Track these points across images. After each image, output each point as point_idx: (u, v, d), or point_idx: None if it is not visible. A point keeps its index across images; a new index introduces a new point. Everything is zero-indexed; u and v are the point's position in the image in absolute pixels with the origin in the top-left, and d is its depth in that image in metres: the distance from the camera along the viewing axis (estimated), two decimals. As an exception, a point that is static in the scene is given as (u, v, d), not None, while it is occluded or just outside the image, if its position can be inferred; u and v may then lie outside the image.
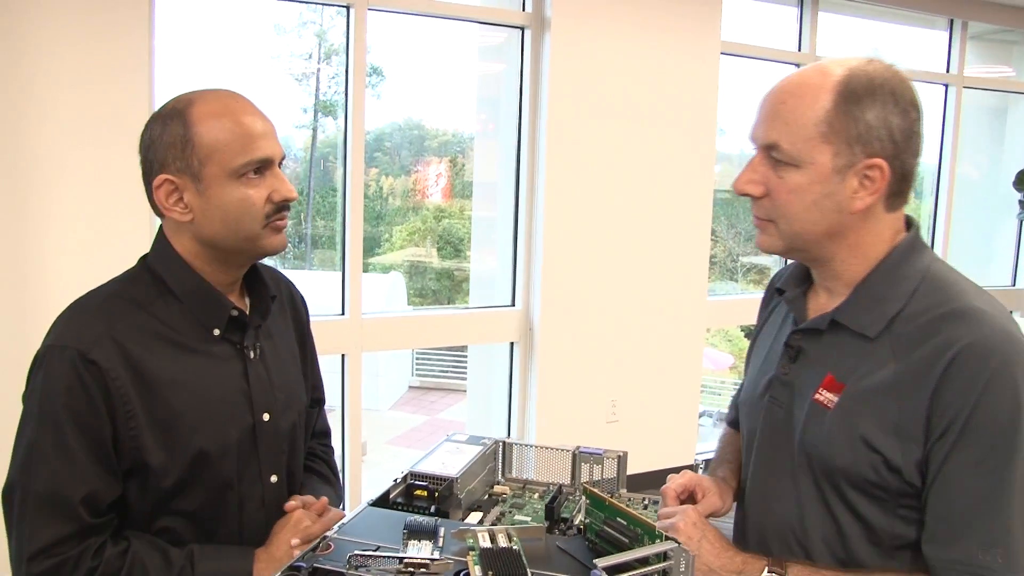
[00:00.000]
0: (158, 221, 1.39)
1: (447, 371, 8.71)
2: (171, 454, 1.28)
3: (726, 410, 1.71)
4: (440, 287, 6.59)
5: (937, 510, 1.15)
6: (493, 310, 4.50)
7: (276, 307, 1.49)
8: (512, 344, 4.51)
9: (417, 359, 8.72)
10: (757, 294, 5.86)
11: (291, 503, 1.43)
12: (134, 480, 1.28)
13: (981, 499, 1.12)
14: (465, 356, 6.47)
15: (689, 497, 1.44)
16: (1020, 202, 5.93)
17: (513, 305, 4.49)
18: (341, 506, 1.50)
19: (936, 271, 1.23)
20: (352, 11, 3.82)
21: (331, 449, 1.72)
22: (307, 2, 3.96)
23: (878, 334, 1.21)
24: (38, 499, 1.22)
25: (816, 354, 1.29)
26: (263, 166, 1.31)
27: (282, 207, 1.34)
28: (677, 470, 1.51)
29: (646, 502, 1.54)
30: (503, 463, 1.61)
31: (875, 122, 1.16)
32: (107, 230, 3.24)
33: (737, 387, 1.62)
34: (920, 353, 1.16)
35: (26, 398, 1.27)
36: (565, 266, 4.40)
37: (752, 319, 1.56)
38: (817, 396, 1.25)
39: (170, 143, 1.28)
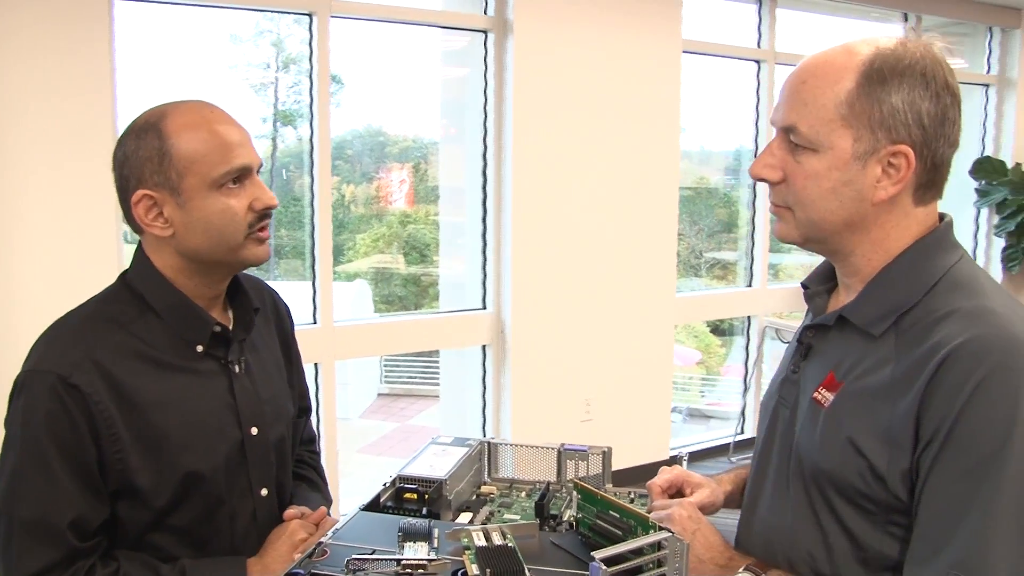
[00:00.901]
0: (126, 234, 1.37)
1: (416, 377, 8.67)
2: (160, 474, 1.27)
3: (696, 406, 1.71)
4: (407, 293, 6.56)
5: (916, 527, 1.05)
6: (465, 314, 4.49)
7: (260, 318, 1.48)
8: (484, 347, 4.52)
9: (385, 366, 8.65)
10: (722, 289, 5.98)
11: (290, 511, 1.42)
12: (123, 501, 1.27)
13: (957, 518, 1.00)
14: (434, 361, 6.44)
15: (677, 493, 1.42)
16: (976, 191, 6.06)
17: (484, 308, 4.49)
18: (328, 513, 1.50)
19: (960, 271, 1.13)
20: (315, 19, 3.79)
21: (318, 455, 1.72)
22: (271, 11, 3.93)
23: (883, 332, 1.12)
24: (24, 526, 1.21)
25: (823, 351, 1.21)
26: (242, 175, 1.30)
27: (264, 215, 1.33)
28: (658, 465, 1.51)
29: (632, 496, 1.55)
30: (489, 463, 1.62)
31: (901, 105, 1.07)
32: (74, 245, 3.16)
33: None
34: (916, 353, 1.06)
35: (7, 424, 1.25)
36: (535, 267, 4.42)
37: (719, 314, 1.57)
38: (816, 395, 1.17)
39: (146, 157, 1.26)
